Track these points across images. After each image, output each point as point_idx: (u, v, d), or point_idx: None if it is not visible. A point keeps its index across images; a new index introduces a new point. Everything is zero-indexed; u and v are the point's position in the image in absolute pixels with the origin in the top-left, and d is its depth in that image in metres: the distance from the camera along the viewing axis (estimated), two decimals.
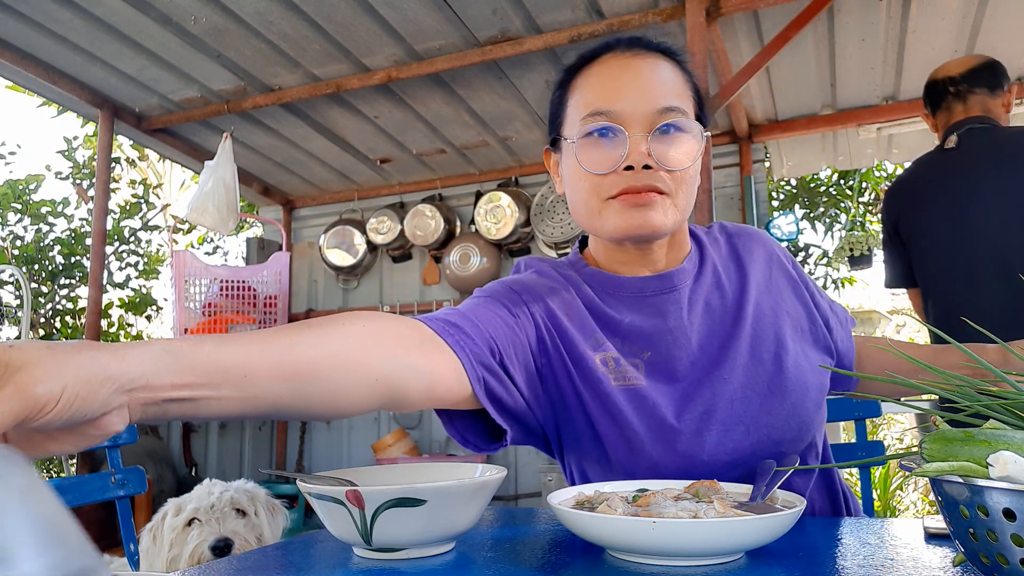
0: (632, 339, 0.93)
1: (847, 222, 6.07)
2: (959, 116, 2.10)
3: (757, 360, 0.93)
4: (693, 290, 0.96)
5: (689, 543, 0.63)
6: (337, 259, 4.20)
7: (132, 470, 1.27)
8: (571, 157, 0.92)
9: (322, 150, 3.81)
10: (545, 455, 1.12)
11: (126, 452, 2.92)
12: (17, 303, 5.01)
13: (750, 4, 2.48)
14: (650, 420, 0.89)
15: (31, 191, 5.49)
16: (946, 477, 0.50)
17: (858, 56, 3.05)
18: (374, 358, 0.70)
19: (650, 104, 0.88)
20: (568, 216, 3.65)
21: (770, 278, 1.01)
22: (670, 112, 0.88)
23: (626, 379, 0.90)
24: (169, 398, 0.55)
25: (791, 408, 0.92)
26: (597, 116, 0.88)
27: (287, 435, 4.33)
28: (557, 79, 1.01)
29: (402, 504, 0.67)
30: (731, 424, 0.90)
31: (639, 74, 0.90)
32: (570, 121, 0.94)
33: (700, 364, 0.93)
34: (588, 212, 0.92)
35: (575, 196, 0.94)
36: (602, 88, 0.90)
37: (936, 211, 2.06)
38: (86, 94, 3.18)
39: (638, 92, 0.88)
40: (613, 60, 0.92)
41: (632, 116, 0.87)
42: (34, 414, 0.45)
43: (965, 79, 2.10)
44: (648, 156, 0.86)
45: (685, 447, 0.88)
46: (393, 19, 2.70)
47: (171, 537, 1.78)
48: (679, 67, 0.94)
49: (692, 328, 0.94)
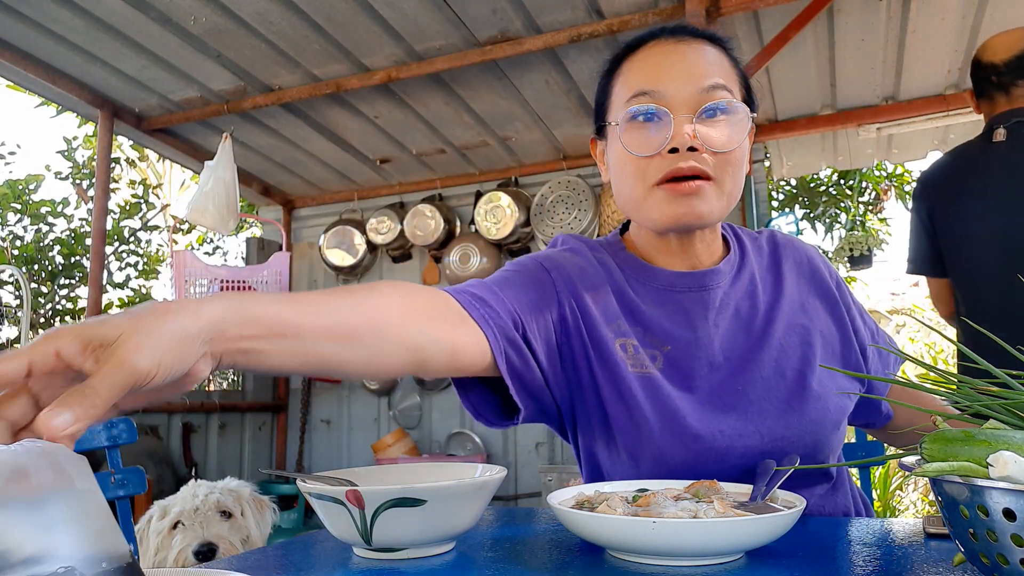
0: (654, 331, 0.93)
1: (847, 222, 6.08)
2: (1003, 107, 2.00)
3: (780, 375, 0.92)
4: (726, 293, 0.95)
5: (689, 543, 0.63)
6: (337, 259, 4.20)
7: (132, 470, 1.27)
8: (616, 142, 0.91)
9: (322, 150, 3.81)
10: (545, 455, 1.14)
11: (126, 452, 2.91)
12: (17, 303, 5.01)
13: (750, 4, 2.47)
14: (662, 409, 0.89)
15: (31, 191, 5.49)
16: (946, 477, 0.50)
17: (858, 56, 3.05)
18: (405, 329, 0.74)
19: (695, 84, 0.86)
20: (568, 216, 3.65)
21: (808, 295, 1.00)
22: (715, 90, 0.86)
23: (643, 367, 0.91)
24: (238, 348, 0.60)
25: (808, 425, 0.91)
26: (641, 97, 0.87)
27: (287, 435, 4.33)
28: (603, 69, 1.00)
29: (402, 504, 0.67)
30: (744, 430, 0.89)
31: (684, 56, 0.89)
32: (615, 106, 0.93)
33: (719, 369, 0.92)
34: (633, 200, 0.91)
35: (620, 183, 0.93)
36: (645, 71, 0.89)
37: (980, 205, 1.98)
38: (86, 94, 3.18)
39: (683, 73, 0.87)
40: (657, 47, 0.91)
41: (677, 97, 0.86)
42: (140, 383, 0.50)
43: (1010, 69, 1.98)
44: (694, 138, 0.85)
45: (693, 442, 0.88)
46: (393, 19, 2.70)
47: (157, 541, 1.78)
48: (725, 53, 0.93)
49: (716, 332, 0.93)
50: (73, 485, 0.43)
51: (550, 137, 3.68)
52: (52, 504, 0.42)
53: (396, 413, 4.13)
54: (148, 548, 1.77)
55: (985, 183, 1.99)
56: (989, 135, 2.02)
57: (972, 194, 2.01)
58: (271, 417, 4.33)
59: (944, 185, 2.10)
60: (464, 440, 3.96)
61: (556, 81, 3.12)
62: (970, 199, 2.01)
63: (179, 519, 1.79)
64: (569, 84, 3.15)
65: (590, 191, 3.67)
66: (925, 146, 3.87)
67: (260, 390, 4.27)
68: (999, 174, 1.97)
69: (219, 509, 1.84)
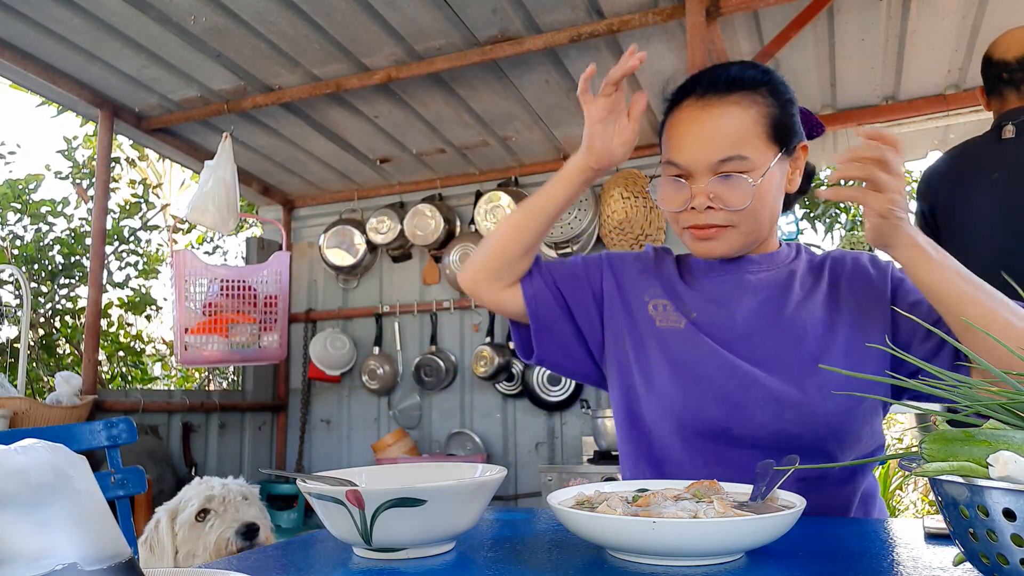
0: (684, 300, 1.14)
1: (847, 222, 6.08)
2: (1013, 104, 2.00)
3: (795, 353, 1.05)
4: (760, 280, 1.11)
5: (689, 543, 0.63)
6: (337, 259, 4.20)
7: (132, 470, 1.27)
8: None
9: (322, 150, 3.81)
10: (545, 455, 1.24)
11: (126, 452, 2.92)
12: (17, 303, 5.01)
13: (750, 4, 2.47)
14: (688, 354, 1.08)
15: (31, 191, 5.48)
16: (946, 477, 0.50)
17: (858, 56, 3.05)
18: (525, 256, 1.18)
19: (711, 156, 1.03)
20: (567, 216, 3.65)
21: (849, 301, 1.09)
22: (728, 162, 1.02)
23: (670, 322, 1.13)
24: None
25: (820, 417, 1.01)
26: (669, 166, 1.07)
27: (287, 435, 4.33)
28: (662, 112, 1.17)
29: (402, 504, 0.67)
30: (757, 378, 1.04)
31: (703, 127, 1.05)
32: (662, 156, 1.12)
33: (738, 337, 1.08)
34: (674, 231, 1.14)
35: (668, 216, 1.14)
36: (674, 141, 1.07)
37: (987, 201, 1.96)
38: (86, 94, 3.18)
39: (699, 146, 1.04)
40: (687, 111, 1.07)
41: (696, 166, 1.04)
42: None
43: (1021, 66, 1.98)
44: (708, 199, 1.03)
45: (709, 385, 1.05)
46: (393, 19, 2.70)
47: (180, 535, 1.76)
48: (752, 101, 1.05)
49: (740, 308, 1.10)
50: (73, 485, 0.44)
51: (550, 137, 3.68)
52: (52, 504, 0.42)
53: (396, 413, 4.13)
54: (165, 550, 1.74)
55: (994, 179, 1.97)
56: (998, 132, 2.01)
57: (979, 190, 1.99)
58: (271, 417, 4.33)
59: (949, 182, 2.08)
60: (464, 440, 3.96)
61: (556, 81, 3.12)
62: (977, 195, 1.99)
63: (206, 507, 1.78)
64: (569, 84, 3.15)
65: (590, 191, 3.67)
66: (925, 146, 3.87)
67: (260, 390, 4.27)
68: (1008, 171, 1.95)
69: (243, 495, 1.85)
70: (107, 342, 5.69)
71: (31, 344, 5.04)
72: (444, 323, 4.10)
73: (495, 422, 3.95)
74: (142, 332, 6.29)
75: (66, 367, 5.23)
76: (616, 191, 3.56)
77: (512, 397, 3.90)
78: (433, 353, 4.02)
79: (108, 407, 3.26)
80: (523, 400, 3.85)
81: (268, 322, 3.53)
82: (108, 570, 0.43)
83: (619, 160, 1.10)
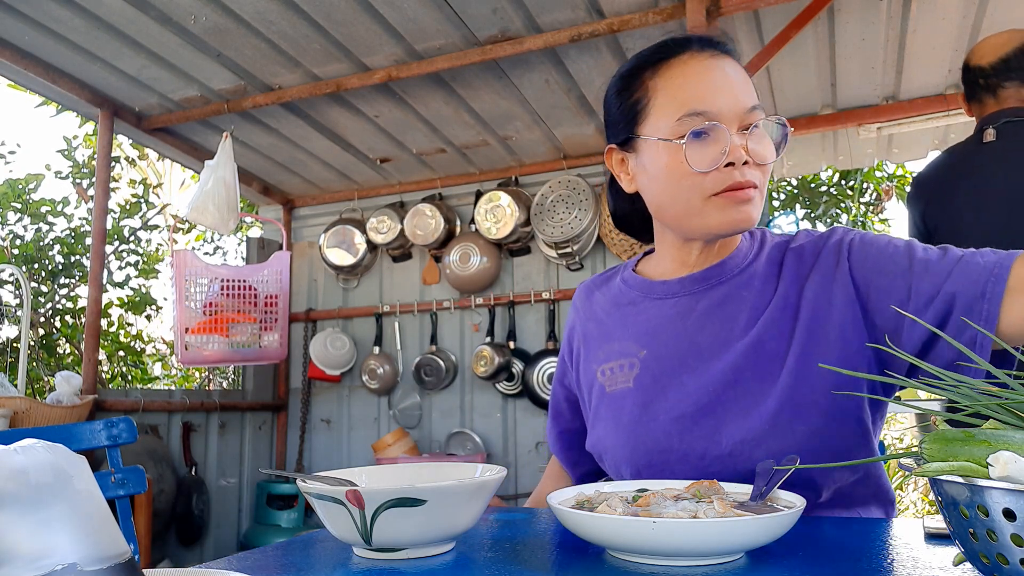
0: (634, 339, 1.04)
1: (848, 222, 6.07)
2: (991, 109, 2.04)
3: (752, 371, 0.94)
4: (717, 292, 1.00)
5: (689, 543, 0.63)
6: (337, 259, 4.20)
7: (132, 469, 1.27)
8: (663, 156, 0.95)
9: (322, 150, 3.81)
10: (545, 455, 1.24)
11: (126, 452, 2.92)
12: (17, 302, 5.01)
13: (750, 4, 2.47)
14: (634, 415, 1.00)
15: (31, 190, 5.48)
16: (946, 477, 0.50)
17: (858, 56, 3.05)
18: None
19: (741, 104, 0.92)
20: (568, 216, 3.65)
21: (816, 288, 0.94)
22: (756, 110, 0.93)
23: (617, 384, 1.03)
24: None
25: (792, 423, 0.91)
26: (695, 116, 0.92)
27: (287, 435, 4.33)
28: (622, 75, 1.03)
29: (402, 504, 0.67)
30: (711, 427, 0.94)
31: (726, 74, 0.94)
32: (656, 121, 0.96)
33: (692, 368, 0.97)
34: (687, 210, 0.95)
35: (670, 194, 0.96)
36: (695, 88, 0.93)
37: (972, 205, 1.99)
38: (86, 93, 3.17)
39: (729, 92, 0.92)
40: (693, 60, 0.95)
41: (728, 115, 0.92)
42: None
43: (996, 72, 2.02)
44: (746, 152, 0.91)
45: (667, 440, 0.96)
46: (393, 19, 2.70)
47: None
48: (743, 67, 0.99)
49: (696, 331, 0.99)
50: (73, 485, 0.44)
51: (550, 137, 3.67)
52: (52, 504, 0.42)
53: (396, 413, 4.13)
54: None
55: (976, 183, 2.01)
56: (980, 136, 2.05)
57: (964, 194, 2.03)
58: (271, 416, 4.33)
59: (936, 186, 2.12)
60: (464, 440, 3.96)
61: (556, 81, 3.12)
62: (962, 199, 2.03)
63: None
64: (569, 84, 3.15)
65: (590, 191, 3.67)
66: (925, 146, 3.87)
67: (260, 390, 4.27)
68: (990, 174, 1.99)
69: None
70: (107, 342, 5.69)
71: (31, 344, 5.04)
72: (444, 323, 4.10)
73: (495, 422, 3.95)
74: (142, 332, 6.29)
75: (66, 367, 5.23)
76: None
77: (512, 397, 3.90)
78: (433, 353, 4.02)
79: (108, 407, 3.26)
80: (523, 400, 3.85)
81: (268, 322, 3.53)
82: (108, 570, 0.43)
83: None
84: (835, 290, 0.93)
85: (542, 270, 3.94)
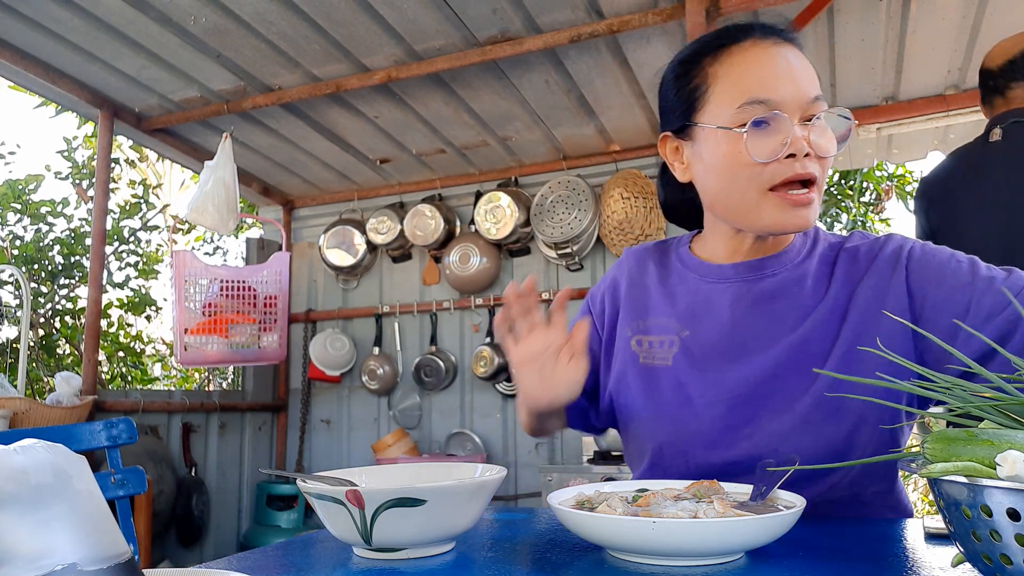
0: (677, 318, 1.02)
1: (848, 222, 6.08)
2: (1000, 109, 2.06)
3: (795, 371, 0.93)
4: (766, 285, 0.98)
5: (689, 543, 0.63)
6: (337, 259, 4.20)
7: (132, 470, 1.27)
8: (721, 145, 0.92)
9: (322, 150, 3.81)
10: (545, 455, 1.24)
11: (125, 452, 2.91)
12: (17, 303, 5.01)
13: (750, 4, 2.47)
14: (668, 394, 0.99)
15: (31, 191, 5.48)
16: (949, 477, 0.50)
17: (858, 56, 3.05)
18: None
19: (803, 94, 0.89)
20: (568, 216, 3.65)
21: (867, 296, 0.92)
22: (819, 101, 0.90)
23: (653, 358, 1.02)
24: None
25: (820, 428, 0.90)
26: (756, 105, 0.89)
27: (287, 435, 4.33)
28: (681, 61, 1.00)
29: (402, 504, 0.67)
30: (742, 418, 0.94)
31: (788, 63, 0.91)
32: (715, 108, 0.93)
33: (734, 357, 0.96)
34: (743, 203, 0.92)
35: (726, 185, 0.94)
36: (756, 76, 0.90)
37: (977, 204, 2.01)
38: (86, 94, 3.17)
39: (791, 81, 0.89)
40: (755, 47, 0.92)
41: (790, 105, 0.89)
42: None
43: (1003, 73, 2.05)
44: (808, 144, 0.88)
45: (697, 423, 0.96)
46: (393, 19, 2.70)
47: None
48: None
49: (741, 320, 0.97)
50: (73, 485, 0.44)
51: (550, 137, 3.67)
52: (51, 504, 0.42)
53: (396, 413, 4.13)
54: None
55: (982, 183, 2.03)
56: (986, 136, 2.07)
57: (970, 194, 2.04)
58: (271, 417, 4.33)
59: (942, 186, 2.13)
60: (464, 440, 3.95)
61: (556, 81, 3.12)
62: (968, 199, 2.04)
63: None
64: (569, 84, 3.15)
65: (590, 191, 3.67)
66: (925, 146, 3.87)
67: (260, 390, 4.27)
68: (995, 173, 2.01)
69: None
70: (107, 342, 5.68)
71: (31, 344, 5.03)
72: (444, 323, 4.10)
73: (495, 422, 3.95)
74: (142, 333, 6.28)
75: (66, 367, 5.23)
76: (616, 191, 3.56)
77: (512, 397, 3.89)
78: (433, 353, 4.02)
79: (108, 407, 3.26)
80: None
81: (268, 322, 3.53)
82: (108, 570, 0.43)
83: (564, 400, 0.93)
84: (888, 297, 0.91)
85: (542, 270, 3.94)
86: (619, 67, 3.02)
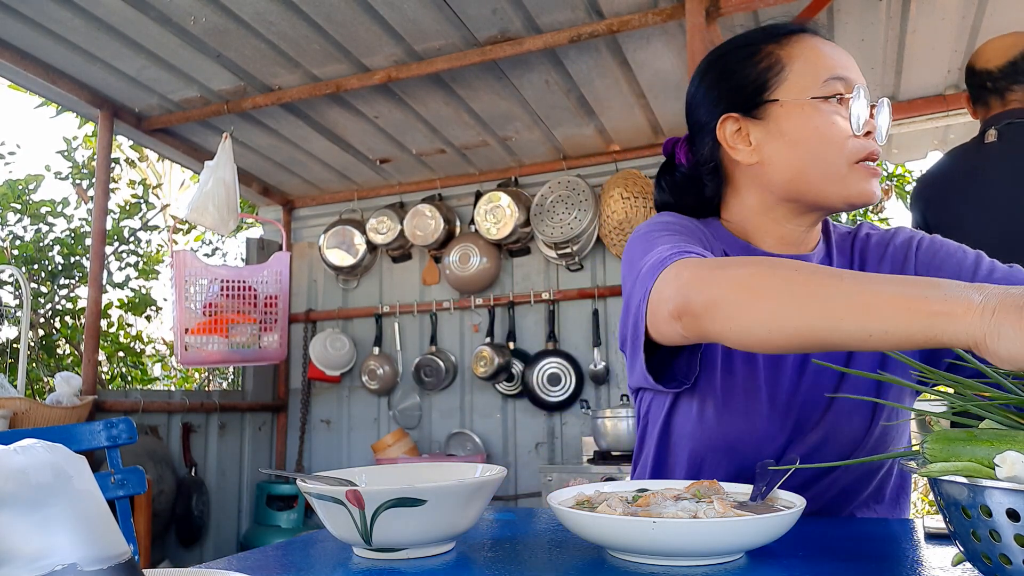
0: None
1: (848, 222, 6.07)
2: (997, 110, 2.05)
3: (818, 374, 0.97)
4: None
5: (689, 543, 0.63)
6: (337, 259, 4.20)
7: (131, 470, 1.27)
8: (812, 118, 0.94)
9: (322, 150, 3.81)
10: (545, 455, 1.16)
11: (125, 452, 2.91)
12: (16, 303, 5.01)
13: (750, 4, 2.47)
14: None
15: (31, 191, 5.48)
16: (948, 477, 0.50)
17: (858, 56, 3.03)
18: None
19: (863, 81, 0.96)
20: (568, 216, 3.65)
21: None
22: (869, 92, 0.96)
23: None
24: None
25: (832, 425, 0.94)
26: (837, 81, 0.93)
27: (287, 435, 4.33)
28: (740, 47, 1.01)
29: (402, 504, 0.67)
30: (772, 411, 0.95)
31: (849, 56, 0.97)
32: (799, 83, 0.95)
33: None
34: (827, 174, 0.94)
35: (812, 158, 0.94)
36: (832, 59, 0.95)
37: (973, 205, 2.01)
38: (86, 94, 3.17)
39: (856, 69, 0.96)
40: (818, 41, 0.97)
41: (860, 83, 0.94)
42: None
43: (1004, 75, 2.03)
44: (874, 126, 0.94)
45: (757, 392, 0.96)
46: (393, 19, 2.70)
47: None
48: None
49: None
50: (72, 485, 0.44)
51: (550, 137, 3.67)
52: (51, 504, 0.42)
53: (396, 413, 4.13)
54: None
55: (977, 184, 2.03)
56: (982, 137, 2.07)
57: (965, 195, 2.05)
58: (271, 417, 4.33)
59: (938, 187, 2.13)
60: (464, 440, 3.95)
61: (556, 81, 3.12)
62: (963, 200, 2.05)
63: None
64: (569, 84, 3.15)
65: (590, 191, 3.67)
66: (925, 146, 3.87)
67: (260, 390, 4.27)
68: (991, 175, 2.01)
69: None
70: (107, 342, 5.68)
71: (31, 344, 5.03)
72: (444, 323, 4.10)
73: (495, 422, 3.95)
74: (142, 333, 6.28)
75: (66, 367, 5.23)
76: (616, 191, 3.56)
77: (512, 397, 3.90)
78: (433, 353, 4.02)
79: (108, 407, 3.26)
80: (523, 400, 3.85)
81: (268, 322, 3.53)
82: (108, 570, 0.43)
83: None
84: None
85: (542, 270, 3.94)
86: (619, 67, 3.02)
